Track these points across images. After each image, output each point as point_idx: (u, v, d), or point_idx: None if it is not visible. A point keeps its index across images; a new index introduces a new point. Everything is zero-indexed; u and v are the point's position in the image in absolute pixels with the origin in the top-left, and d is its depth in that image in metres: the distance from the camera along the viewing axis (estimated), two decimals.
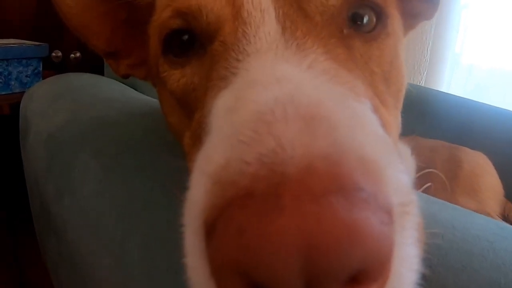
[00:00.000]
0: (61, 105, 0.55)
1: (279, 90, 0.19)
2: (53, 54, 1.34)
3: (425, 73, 1.84)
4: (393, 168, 0.17)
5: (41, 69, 1.18)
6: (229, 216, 0.15)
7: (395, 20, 0.32)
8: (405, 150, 0.38)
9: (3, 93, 1.11)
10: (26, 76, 1.14)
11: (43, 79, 1.18)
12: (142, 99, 0.53)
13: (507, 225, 0.27)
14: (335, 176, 0.15)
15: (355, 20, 0.28)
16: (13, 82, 1.13)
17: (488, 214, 0.90)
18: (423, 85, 1.85)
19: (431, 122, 1.41)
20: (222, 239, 0.15)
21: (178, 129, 0.33)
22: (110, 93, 0.56)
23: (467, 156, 1.11)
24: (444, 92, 1.58)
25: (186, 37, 0.30)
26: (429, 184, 0.58)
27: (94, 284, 0.41)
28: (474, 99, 1.43)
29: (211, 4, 0.27)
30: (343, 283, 0.14)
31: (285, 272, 0.13)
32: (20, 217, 1.49)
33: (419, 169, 1.09)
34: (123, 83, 0.67)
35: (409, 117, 1.36)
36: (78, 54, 1.55)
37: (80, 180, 0.40)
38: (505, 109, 1.36)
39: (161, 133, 0.41)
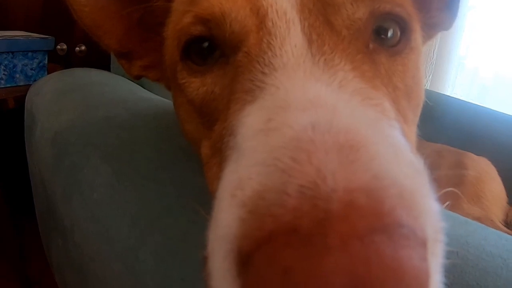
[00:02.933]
0: (68, 102, 0.54)
1: (315, 115, 0.18)
2: (58, 47, 1.34)
3: (430, 76, 1.84)
4: (427, 198, 0.17)
5: (46, 62, 1.17)
6: (273, 253, 0.14)
7: (418, 34, 0.32)
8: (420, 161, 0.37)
9: (8, 85, 1.11)
10: (31, 69, 1.14)
11: (48, 72, 1.17)
12: (152, 99, 0.53)
13: None
14: (379, 213, 0.15)
15: (379, 33, 0.28)
16: (17, 75, 1.12)
17: (491, 221, 0.90)
18: (428, 87, 1.85)
19: (436, 126, 1.41)
20: (264, 275, 0.14)
21: (195, 137, 0.32)
22: (118, 92, 0.56)
23: (472, 162, 1.11)
24: (450, 96, 1.58)
25: (206, 44, 0.29)
26: (447, 203, 0.58)
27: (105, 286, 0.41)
28: (478, 102, 1.43)
29: (235, 12, 0.27)
30: None
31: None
32: (24, 213, 1.50)
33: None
34: (130, 80, 0.66)
35: (419, 121, 1.35)
36: (83, 47, 1.54)
37: (89, 182, 0.40)
38: (509, 114, 1.37)
39: (173, 137, 0.40)
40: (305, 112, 0.19)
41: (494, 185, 1.08)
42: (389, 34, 0.28)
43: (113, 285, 0.38)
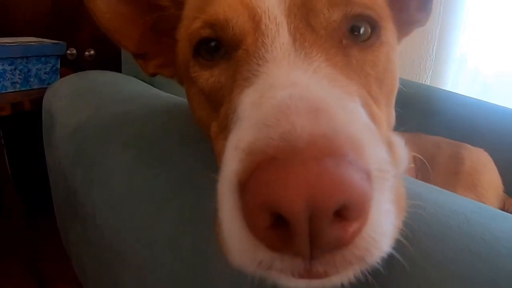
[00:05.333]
0: (86, 100, 0.60)
1: (292, 91, 0.24)
2: (68, 51, 1.39)
3: (430, 71, 1.87)
4: (372, 146, 0.23)
5: (59, 66, 1.22)
6: (259, 174, 0.20)
7: (388, 31, 0.37)
8: (398, 140, 0.42)
9: (23, 89, 1.16)
10: (45, 73, 1.19)
11: (60, 76, 1.23)
12: (163, 95, 0.58)
13: (485, 205, 0.31)
14: (330, 147, 0.20)
15: (353, 31, 0.33)
16: (32, 79, 1.17)
17: None
18: (428, 83, 1.88)
19: (436, 120, 1.44)
20: (254, 189, 0.20)
21: (205, 120, 0.38)
22: (132, 90, 0.61)
23: (469, 152, 1.14)
24: (449, 91, 1.61)
25: (213, 43, 0.35)
26: (412, 165, 0.64)
27: (121, 266, 0.45)
28: (478, 97, 1.46)
29: (236, 18, 0.33)
30: (333, 217, 0.20)
31: (296, 205, 0.19)
32: (38, 213, 1.54)
33: (422, 163, 1.13)
34: (142, 80, 0.71)
35: (415, 114, 1.40)
36: (92, 52, 1.60)
37: (110, 170, 0.45)
38: (507, 107, 1.39)
39: (184, 128, 0.45)
40: (286, 89, 0.25)
41: (490, 175, 1.11)
42: (361, 31, 0.34)
43: (131, 262, 0.42)
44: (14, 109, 1.05)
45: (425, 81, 1.86)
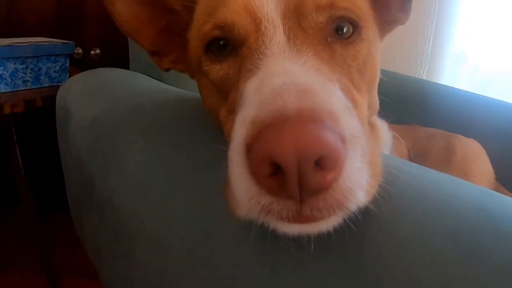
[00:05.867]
0: (100, 96, 0.65)
1: (285, 78, 0.30)
2: (74, 51, 1.44)
3: (426, 66, 1.92)
4: (347, 118, 0.29)
5: (68, 65, 1.27)
6: (261, 136, 0.26)
7: (368, 29, 0.43)
8: (382, 124, 0.49)
9: (34, 87, 1.21)
10: (55, 71, 1.24)
11: (69, 74, 1.28)
12: (173, 90, 0.63)
13: (455, 177, 0.36)
14: (312, 117, 0.26)
15: (337, 30, 0.40)
16: (42, 77, 1.22)
17: None
18: (424, 77, 1.93)
19: (431, 112, 1.49)
20: (258, 148, 0.26)
21: (215, 108, 0.44)
22: (143, 85, 0.66)
23: (461, 143, 1.18)
24: (443, 85, 1.65)
25: (222, 42, 0.41)
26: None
27: (137, 243, 0.50)
28: (474, 91, 1.50)
29: (241, 21, 0.39)
30: (315, 165, 0.25)
31: (287, 155, 0.25)
32: (50, 205, 1.59)
33: (416, 153, 1.18)
34: (150, 77, 0.77)
35: (412, 108, 1.45)
36: (98, 51, 1.65)
37: (126, 155, 0.50)
38: (499, 100, 1.43)
39: (194, 117, 0.51)
40: (280, 77, 0.31)
41: (481, 164, 1.16)
42: (344, 30, 0.40)
43: (147, 238, 0.47)
44: (27, 106, 1.11)
45: (422, 76, 1.91)
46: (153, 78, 0.79)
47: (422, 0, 1.86)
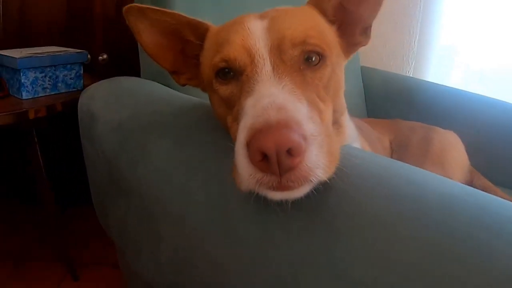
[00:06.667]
0: (124, 101, 0.77)
1: (271, 99, 0.43)
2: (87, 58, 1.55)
3: (413, 64, 2.03)
4: (308, 124, 0.42)
5: (82, 72, 1.39)
6: (254, 137, 0.39)
7: (332, 56, 0.56)
8: (350, 124, 0.62)
9: (52, 93, 1.33)
10: (70, 78, 1.36)
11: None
12: (185, 97, 0.75)
13: (412, 166, 0.49)
14: (285, 124, 0.39)
15: (308, 60, 0.52)
16: (60, 84, 1.34)
17: None
18: (411, 74, 2.03)
19: (416, 107, 1.61)
20: (253, 144, 0.39)
21: (223, 116, 0.57)
22: (159, 92, 0.79)
23: (438, 134, 1.29)
24: (427, 81, 1.77)
25: (227, 70, 0.54)
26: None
27: (162, 221, 0.63)
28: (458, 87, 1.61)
29: (240, 56, 0.52)
30: (287, 153, 0.39)
31: (270, 148, 0.38)
32: (68, 199, 1.70)
33: (398, 145, 1.30)
34: (162, 83, 0.89)
35: (397, 103, 1.58)
36: (105, 56, 1.74)
37: (152, 152, 0.63)
38: (476, 94, 1.53)
39: (205, 121, 0.64)
40: (267, 98, 0.44)
41: (457, 154, 1.27)
42: (313, 59, 0.52)
43: (171, 216, 0.61)
44: (48, 111, 1.23)
45: (409, 73, 2.03)
46: (163, 84, 0.92)
47: (408, 2, 1.96)
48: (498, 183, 1.25)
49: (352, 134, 0.65)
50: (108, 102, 0.82)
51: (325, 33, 0.57)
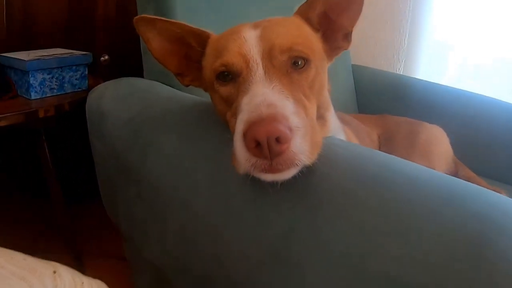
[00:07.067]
0: (133, 101, 0.85)
1: (262, 97, 0.51)
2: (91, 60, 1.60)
3: (403, 61, 2.10)
4: (294, 118, 0.49)
5: (86, 73, 1.45)
6: (250, 128, 0.47)
7: (316, 59, 0.63)
8: (333, 118, 0.71)
9: (59, 93, 1.39)
10: (76, 79, 1.42)
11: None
12: (188, 96, 0.83)
13: (383, 155, 0.57)
14: (274, 118, 0.47)
15: (294, 64, 0.60)
16: (66, 85, 1.40)
17: None
18: (402, 72, 2.11)
19: (405, 103, 1.68)
20: (248, 133, 0.47)
21: (223, 112, 0.64)
22: (165, 92, 0.87)
23: (424, 128, 1.36)
24: (416, 78, 1.85)
25: (226, 73, 0.62)
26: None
27: (168, 205, 0.71)
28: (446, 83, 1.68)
29: (237, 62, 0.59)
30: (276, 141, 0.47)
31: (262, 137, 0.46)
32: (76, 195, 1.76)
33: (385, 139, 1.38)
34: (165, 83, 0.97)
35: (388, 99, 1.67)
36: (106, 57, 1.79)
37: (160, 145, 0.71)
38: (461, 89, 1.61)
39: (208, 117, 0.72)
40: (260, 97, 0.51)
41: (441, 146, 1.34)
42: (299, 63, 0.60)
43: (178, 203, 0.69)
44: (56, 110, 1.30)
45: (399, 70, 2.10)
46: (165, 84, 1.00)
47: (398, 1, 2.04)
48: (481, 173, 1.34)
49: (336, 127, 0.73)
50: (117, 101, 0.90)
51: (310, 40, 0.65)
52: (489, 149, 1.46)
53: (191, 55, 0.73)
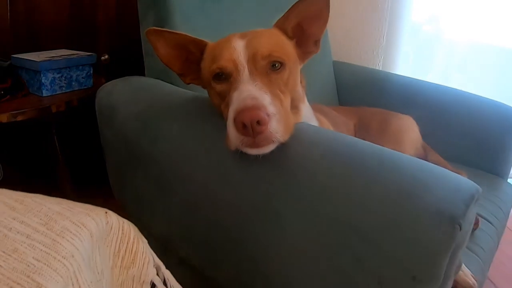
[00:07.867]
0: (141, 96, 1.00)
1: (247, 93, 0.67)
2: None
3: (382, 57, 2.25)
4: (270, 108, 0.65)
5: (91, 72, 1.59)
6: (238, 115, 0.63)
7: (290, 62, 0.79)
8: (307, 108, 0.88)
9: (67, 91, 1.53)
10: (82, 78, 1.56)
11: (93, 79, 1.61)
12: (188, 92, 0.98)
13: (347, 137, 0.74)
14: (256, 107, 0.64)
15: (273, 66, 0.74)
16: (73, 83, 1.54)
17: None
18: (381, 67, 2.26)
19: (382, 96, 1.83)
20: (237, 118, 0.63)
21: (218, 104, 0.79)
22: (168, 88, 1.02)
23: (396, 118, 1.50)
24: (392, 73, 1.99)
25: (220, 74, 0.76)
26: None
27: (174, 184, 0.87)
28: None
29: (229, 66, 0.73)
30: (257, 123, 0.63)
31: (247, 121, 0.63)
32: (82, 178, 1.88)
33: (360, 127, 1.53)
34: (163, 80, 1.12)
35: (366, 92, 1.85)
36: (106, 56, 1.88)
37: (168, 131, 0.87)
38: (432, 83, 1.75)
39: (205, 109, 0.87)
40: (246, 92, 0.67)
41: (411, 134, 1.48)
42: (276, 66, 0.75)
43: (182, 179, 0.85)
44: (67, 106, 1.44)
45: (378, 66, 2.25)
46: (166, 82, 1.14)
47: (377, 2, 2.18)
48: (449, 158, 1.50)
49: (308, 115, 0.90)
50: (126, 96, 1.05)
51: (285, 47, 0.80)
52: (455, 136, 1.62)
53: (192, 59, 0.88)
